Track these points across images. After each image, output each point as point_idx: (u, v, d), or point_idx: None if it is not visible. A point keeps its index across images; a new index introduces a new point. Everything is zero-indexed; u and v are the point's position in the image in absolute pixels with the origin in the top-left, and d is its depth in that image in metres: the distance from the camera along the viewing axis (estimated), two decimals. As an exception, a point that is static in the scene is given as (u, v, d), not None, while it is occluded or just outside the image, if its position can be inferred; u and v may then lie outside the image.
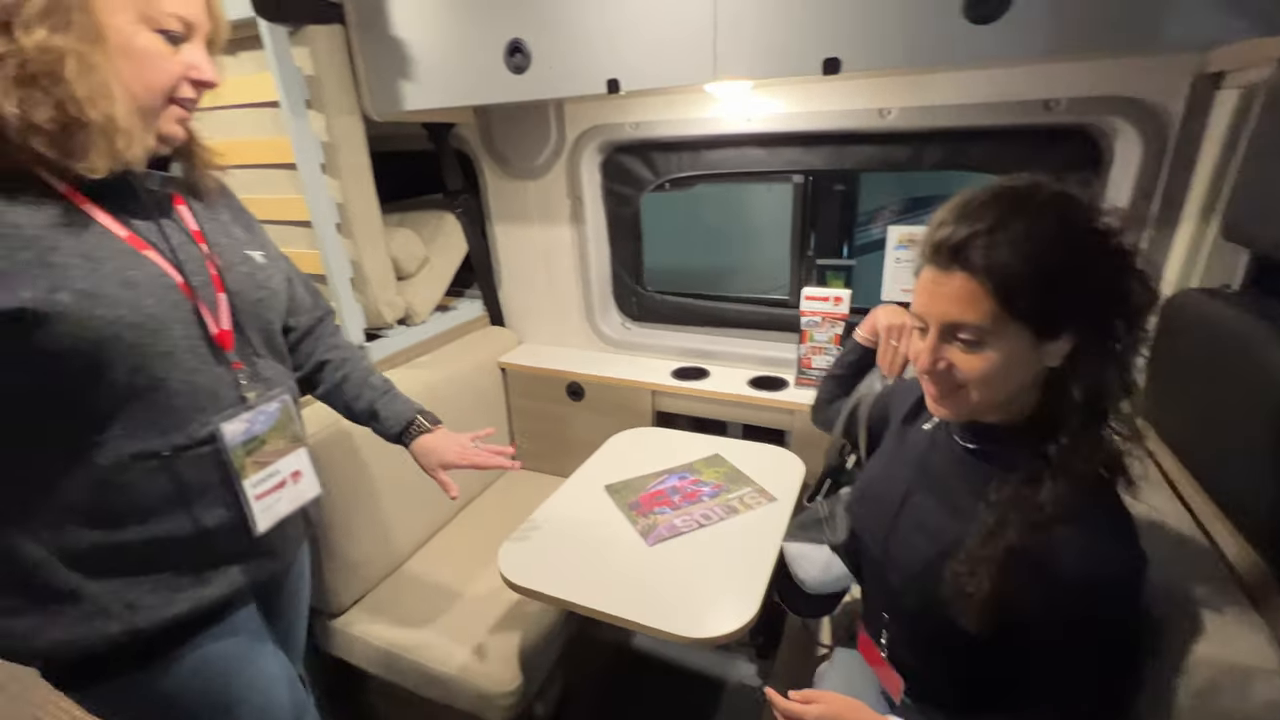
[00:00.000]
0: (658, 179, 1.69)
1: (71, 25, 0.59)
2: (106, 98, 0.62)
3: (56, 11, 0.58)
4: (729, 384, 1.64)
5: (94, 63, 0.61)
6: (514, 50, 1.22)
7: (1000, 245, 0.61)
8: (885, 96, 1.32)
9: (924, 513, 0.79)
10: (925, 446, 0.83)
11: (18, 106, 0.58)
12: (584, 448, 1.57)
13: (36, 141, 0.60)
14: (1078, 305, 0.62)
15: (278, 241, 1.49)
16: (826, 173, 1.58)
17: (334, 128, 1.37)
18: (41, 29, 0.57)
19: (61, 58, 0.58)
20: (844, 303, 1.49)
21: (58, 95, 0.59)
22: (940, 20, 0.92)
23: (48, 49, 0.58)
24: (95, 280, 0.66)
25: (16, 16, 0.57)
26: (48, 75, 0.58)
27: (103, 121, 0.61)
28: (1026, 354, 0.64)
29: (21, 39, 0.57)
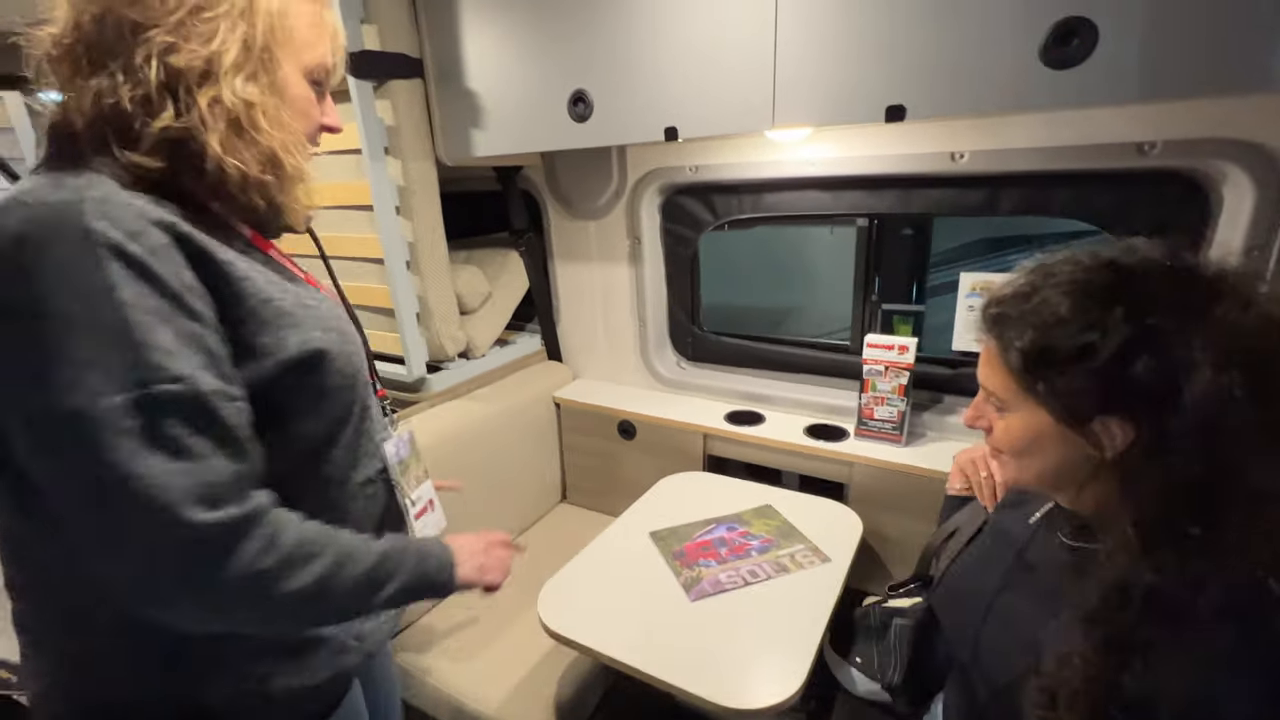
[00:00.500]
0: (717, 220, 1.68)
1: (259, 76, 0.60)
2: (297, 147, 0.63)
3: (248, 63, 0.59)
4: (785, 431, 1.58)
5: (280, 113, 0.62)
6: (577, 100, 1.26)
7: (1019, 316, 0.58)
8: (957, 139, 1.26)
9: (1017, 615, 0.70)
10: (1026, 540, 0.74)
11: (234, 157, 0.58)
12: (633, 488, 1.55)
13: (256, 195, 0.61)
14: (1115, 393, 0.54)
15: (353, 277, 1.61)
16: (893, 216, 1.52)
17: (409, 172, 1.45)
18: (238, 78, 0.58)
19: (254, 107, 0.59)
20: (909, 352, 1.41)
21: (260, 146, 0.60)
22: (1015, 65, 0.87)
23: (244, 98, 0.58)
24: (327, 316, 0.69)
25: (218, 66, 0.57)
26: (250, 125, 0.59)
27: (294, 172, 0.62)
28: (1055, 435, 0.59)
29: (224, 87, 0.57)
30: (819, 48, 1.01)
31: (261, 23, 0.59)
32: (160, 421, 0.51)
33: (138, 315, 0.50)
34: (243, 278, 0.60)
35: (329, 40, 0.67)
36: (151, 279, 0.52)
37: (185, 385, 0.52)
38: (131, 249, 0.51)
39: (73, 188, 0.51)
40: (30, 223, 0.50)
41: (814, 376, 1.71)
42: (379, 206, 1.41)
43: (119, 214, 0.52)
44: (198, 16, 0.56)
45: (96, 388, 0.49)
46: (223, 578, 0.53)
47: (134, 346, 0.50)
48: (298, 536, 0.59)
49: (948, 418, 1.49)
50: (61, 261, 0.49)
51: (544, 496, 1.94)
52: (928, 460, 1.38)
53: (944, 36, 0.92)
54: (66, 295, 0.49)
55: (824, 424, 1.59)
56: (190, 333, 0.54)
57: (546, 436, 1.92)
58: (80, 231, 0.50)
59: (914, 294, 1.75)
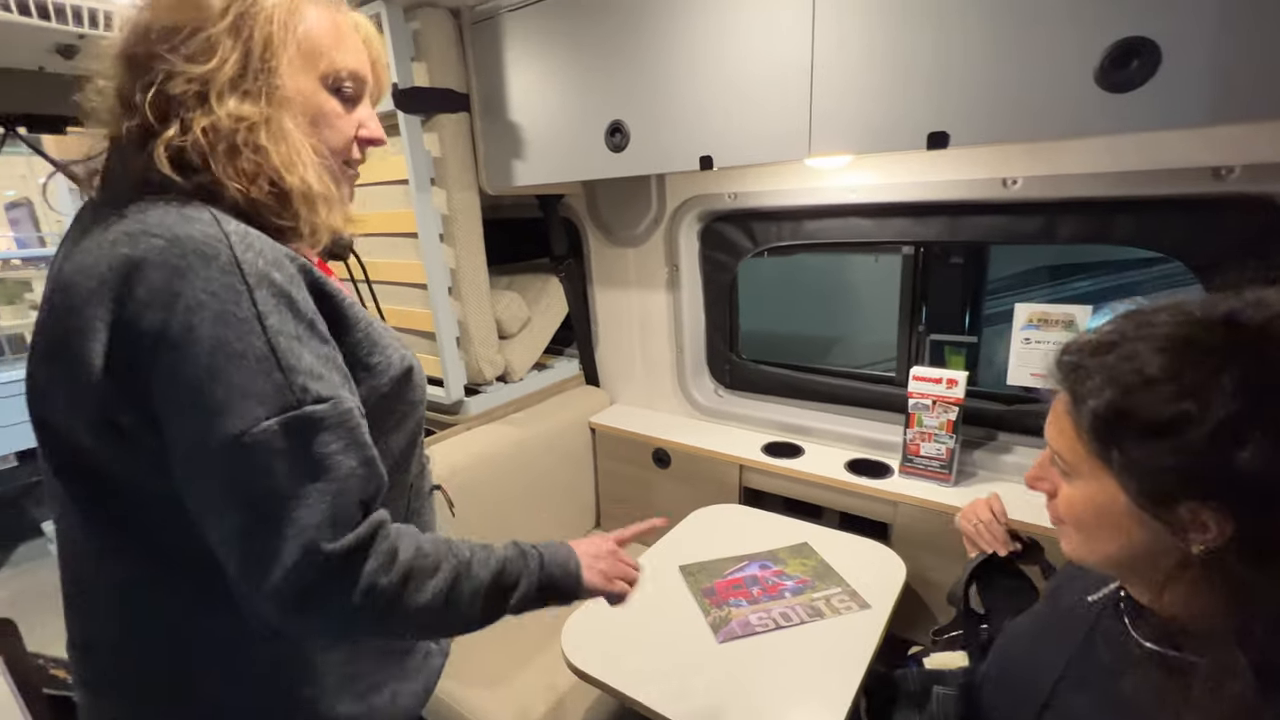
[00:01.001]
0: (756, 247, 1.66)
1: (261, 92, 0.58)
2: (301, 163, 0.60)
3: (245, 78, 0.57)
4: (824, 465, 1.52)
5: (285, 128, 0.59)
6: (614, 131, 1.27)
7: (1098, 369, 0.50)
8: (1009, 165, 1.20)
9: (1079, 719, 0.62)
10: (1089, 625, 0.65)
11: (236, 181, 0.56)
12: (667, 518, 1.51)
13: (272, 217, 0.59)
14: (1210, 478, 0.45)
15: (397, 301, 1.66)
16: (940, 243, 1.46)
17: (453, 202, 1.50)
18: (233, 97, 0.56)
19: (254, 125, 0.57)
20: (958, 385, 1.34)
21: (262, 165, 0.58)
22: (1068, 89, 0.83)
23: (241, 116, 0.56)
24: (399, 336, 0.71)
25: (211, 87, 0.56)
26: (248, 145, 0.57)
27: (301, 188, 0.59)
28: (1128, 516, 0.50)
29: (217, 109, 0.56)
30: (856, 75, 0.99)
31: (261, 32, 0.57)
32: (311, 441, 0.53)
33: (284, 341, 0.52)
34: (349, 304, 0.63)
35: (351, 46, 0.64)
36: (291, 306, 0.54)
37: (331, 405, 0.54)
38: (276, 278, 0.53)
39: (206, 221, 0.53)
40: (180, 257, 0.51)
41: (856, 409, 1.64)
42: (423, 234, 1.46)
43: (260, 245, 0.54)
44: (196, 37, 0.55)
45: (253, 412, 0.50)
46: (347, 597, 0.54)
47: (284, 370, 0.52)
48: (414, 551, 0.59)
49: (1002, 457, 1.40)
50: (215, 291, 0.51)
51: (578, 522, 1.93)
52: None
53: (988, 60, 0.88)
54: (217, 322, 0.50)
55: (866, 459, 1.52)
56: (326, 355, 0.56)
57: (581, 462, 1.91)
58: (231, 263, 0.52)
59: (967, 324, 1.67)
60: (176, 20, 0.56)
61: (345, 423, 0.55)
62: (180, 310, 0.50)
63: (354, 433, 0.56)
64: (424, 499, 0.79)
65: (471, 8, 1.42)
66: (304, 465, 0.52)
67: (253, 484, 0.51)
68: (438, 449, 1.52)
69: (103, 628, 0.64)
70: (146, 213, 0.53)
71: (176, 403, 0.52)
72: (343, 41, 0.63)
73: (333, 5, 0.64)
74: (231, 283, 0.51)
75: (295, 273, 0.56)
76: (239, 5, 0.57)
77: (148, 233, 0.52)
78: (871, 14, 0.96)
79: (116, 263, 0.51)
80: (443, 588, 0.60)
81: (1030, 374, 1.34)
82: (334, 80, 0.63)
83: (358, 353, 0.62)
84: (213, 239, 0.52)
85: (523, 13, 1.35)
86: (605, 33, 1.25)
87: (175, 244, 0.51)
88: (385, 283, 1.66)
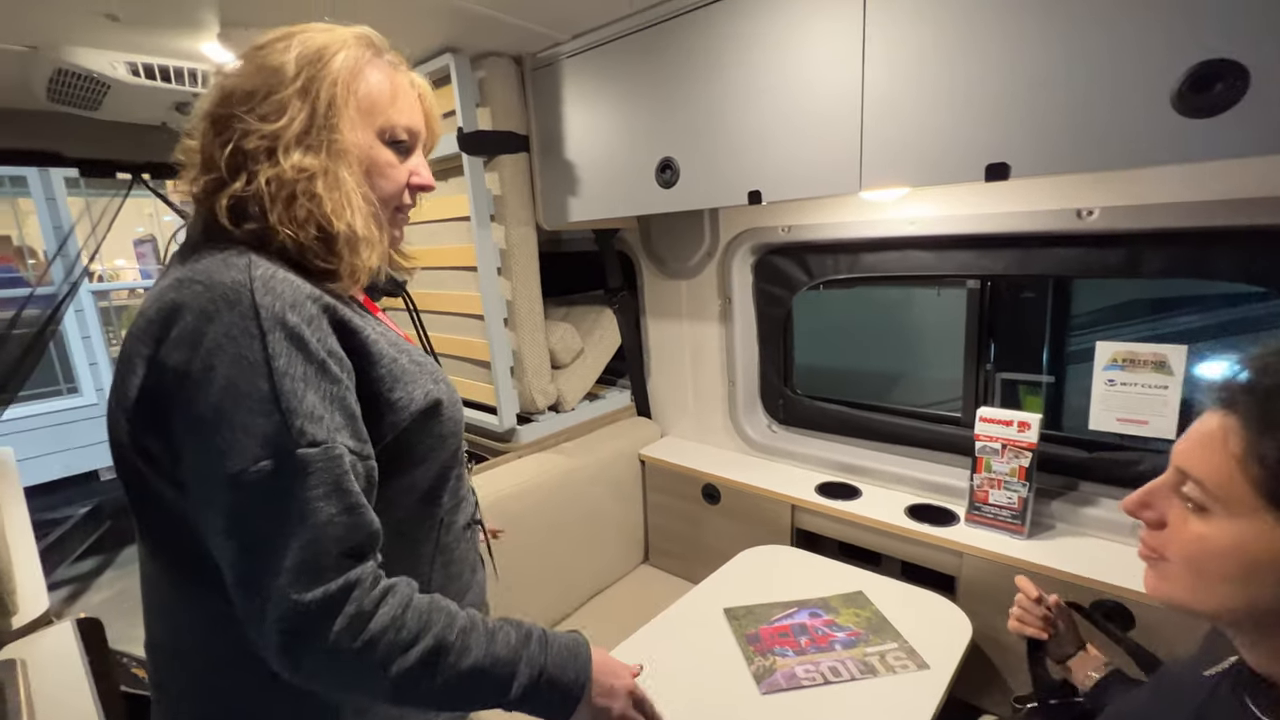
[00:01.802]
0: (811, 281, 1.62)
1: (322, 145, 0.63)
2: (350, 209, 0.64)
3: (310, 133, 0.62)
4: (883, 509, 1.44)
5: (340, 178, 0.64)
6: (664, 167, 1.30)
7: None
8: (1084, 194, 1.13)
9: None
10: (1201, 699, 0.59)
11: (288, 227, 0.61)
12: (715, 556, 1.48)
13: (318, 261, 0.64)
14: None
15: (456, 332, 1.73)
16: (1010, 277, 1.38)
17: (511, 237, 1.56)
18: (297, 151, 0.62)
19: (313, 176, 0.62)
20: (1031, 429, 1.24)
21: (313, 212, 0.62)
22: (1142, 116, 0.77)
23: (303, 168, 0.61)
24: (435, 370, 0.73)
25: (280, 142, 0.61)
26: (305, 194, 0.62)
27: (346, 232, 0.64)
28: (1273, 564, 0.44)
29: (283, 162, 0.61)
30: (908, 106, 0.97)
31: (326, 93, 0.63)
32: (297, 484, 0.55)
33: (288, 383, 0.55)
34: (374, 340, 0.65)
35: (406, 104, 0.70)
36: (303, 346, 0.57)
37: (323, 450, 0.56)
38: (290, 320, 0.57)
39: (240, 267, 0.58)
40: (210, 301, 0.56)
41: (917, 450, 1.55)
42: (482, 268, 1.53)
43: (281, 289, 0.58)
44: (271, 98, 0.62)
45: (252, 451, 0.54)
46: (320, 653, 0.55)
47: (283, 412, 0.55)
48: (388, 621, 0.58)
49: (1084, 509, 1.28)
50: (234, 335, 0.55)
51: (626, 555, 1.91)
52: (1057, 558, 1.18)
53: (1050, 87, 0.84)
54: (231, 364, 0.55)
55: (929, 504, 1.43)
56: (332, 395, 0.59)
57: (630, 494, 1.90)
58: (250, 308, 0.56)
59: (1045, 362, 1.56)
60: (255, 85, 0.62)
61: (332, 469, 0.57)
62: (203, 351, 0.55)
63: (340, 480, 0.57)
64: (458, 534, 0.78)
65: (533, 55, 1.50)
66: (288, 508, 0.55)
67: (246, 520, 0.55)
68: (486, 476, 1.55)
69: (159, 632, 0.69)
70: (199, 260, 0.60)
71: (190, 434, 0.56)
72: (399, 99, 0.69)
73: (391, 66, 0.70)
74: (248, 327, 0.55)
75: (316, 313, 0.60)
76: (309, 70, 0.63)
77: (193, 279, 0.58)
78: (923, 43, 0.94)
79: (165, 306, 0.57)
80: (416, 661, 0.58)
81: (1116, 419, 1.22)
82: (390, 134, 0.69)
83: (379, 387, 0.65)
84: (239, 285, 0.57)
85: (581, 57, 1.42)
86: (656, 73, 1.28)
87: (209, 289, 0.57)
88: (445, 313, 1.75)
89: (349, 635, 0.55)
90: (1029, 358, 1.46)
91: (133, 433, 0.59)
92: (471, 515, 0.83)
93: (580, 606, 1.74)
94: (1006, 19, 0.87)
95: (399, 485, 0.67)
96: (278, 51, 0.63)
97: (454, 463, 0.76)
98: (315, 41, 0.64)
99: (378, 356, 0.65)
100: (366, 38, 0.68)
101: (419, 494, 0.71)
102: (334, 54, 0.64)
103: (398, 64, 0.71)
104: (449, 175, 1.60)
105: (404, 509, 0.69)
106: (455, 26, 1.30)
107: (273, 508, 0.55)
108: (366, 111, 0.66)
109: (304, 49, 0.63)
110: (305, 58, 0.63)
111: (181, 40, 1.27)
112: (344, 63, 0.64)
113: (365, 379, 0.64)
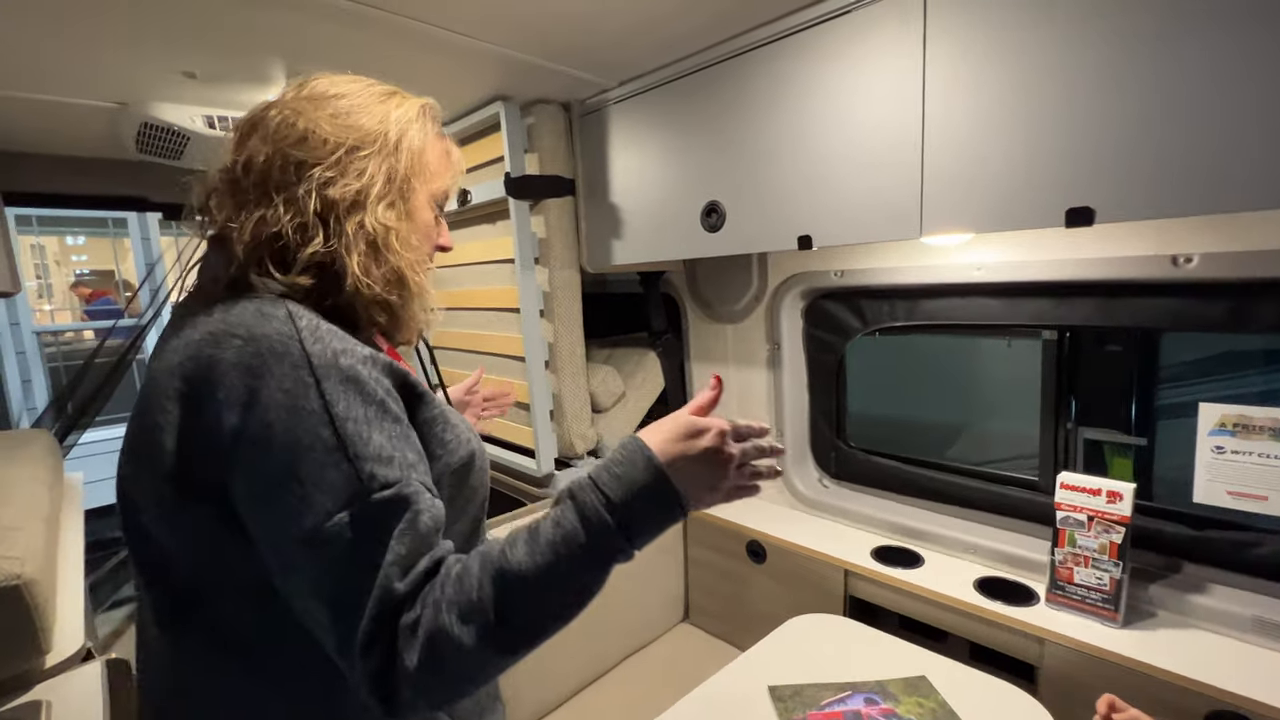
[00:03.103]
0: (866, 328, 1.53)
1: (397, 204, 0.66)
2: (421, 266, 0.68)
3: (390, 193, 0.65)
4: (949, 580, 1.30)
5: (408, 237, 0.67)
6: (710, 211, 1.26)
7: None
8: (1180, 239, 1.01)
9: None
10: None
11: (367, 276, 0.63)
12: (761, 621, 1.36)
13: (379, 312, 0.66)
14: None
15: (498, 372, 1.72)
16: (1093, 328, 1.25)
17: (555, 279, 1.55)
18: (380, 206, 0.64)
19: (390, 231, 0.64)
20: (1123, 500, 1.10)
21: (390, 266, 0.64)
22: (1255, 153, 0.67)
23: (383, 224, 0.64)
24: (466, 422, 0.73)
25: (366, 197, 0.64)
26: (384, 247, 0.64)
27: (417, 289, 0.67)
28: None
29: (368, 214, 0.63)
30: (975, 146, 0.89)
31: (404, 159, 0.66)
32: (379, 528, 0.53)
33: (351, 427, 0.54)
34: (420, 384, 0.65)
35: (450, 169, 0.74)
36: (360, 389, 0.56)
37: (397, 490, 0.54)
38: (344, 363, 0.56)
39: (281, 319, 0.57)
40: (256, 356, 0.54)
41: (987, 514, 1.41)
42: (525, 310, 1.52)
43: (329, 336, 0.57)
44: (354, 155, 0.63)
45: (325, 506, 0.52)
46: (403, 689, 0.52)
47: (351, 459, 0.53)
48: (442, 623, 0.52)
49: (1192, 597, 1.11)
50: (288, 388, 0.53)
51: (665, 613, 1.81)
52: (1161, 654, 1.02)
53: (1145, 123, 0.75)
54: (290, 418, 0.53)
55: (1002, 578, 1.28)
56: (398, 433, 0.57)
57: (671, 547, 1.80)
58: (301, 357, 0.54)
59: (1133, 421, 1.40)
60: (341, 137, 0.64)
61: (412, 504, 0.55)
62: (259, 410, 0.53)
63: (415, 518, 0.55)
64: None
65: (582, 101, 1.51)
66: (374, 550, 0.52)
67: (330, 573, 0.52)
68: (520, 525, 1.50)
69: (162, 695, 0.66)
70: (230, 311, 0.58)
71: (257, 498, 0.54)
72: (448, 166, 0.73)
73: (439, 133, 0.74)
74: (301, 376, 0.54)
75: (366, 356, 0.59)
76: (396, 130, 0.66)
77: (229, 333, 0.56)
78: (990, 79, 0.87)
79: (202, 364, 0.55)
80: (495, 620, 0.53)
81: (1227, 491, 1.07)
82: (438, 198, 0.73)
83: (433, 428, 0.64)
84: (286, 336, 0.55)
85: (628, 102, 1.41)
86: (703, 117, 1.26)
87: (252, 342, 0.55)
88: (486, 353, 1.74)
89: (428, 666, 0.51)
90: (1112, 415, 1.31)
91: (175, 500, 0.57)
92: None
93: (614, 666, 1.65)
94: (1090, 52, 0.79)
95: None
96: (359, 111, 0.65)
97: (482, 515, 0.75)
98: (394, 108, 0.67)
99: (429, 399, 0.65)
100: (432, 108, 0.72)
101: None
102: (409, 120, 0.67)
103: (440, 129, 0.75)
104: (495, 218, 1.61)
105: None
106: (507, 76, 1.33)
107: (356, 558, 0.52)
108: (430, 176, 0.70)
109: (393, 112, 0.67)
110: (394, 120, 0.66)
111: (253, 94, 1.34)
112: (419, 131, 0.68)
113: (417, 420, 0.63)
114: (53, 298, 7.45)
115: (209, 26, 1.00)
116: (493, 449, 1.76)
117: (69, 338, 7.11)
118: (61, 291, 7.56)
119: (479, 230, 1.69)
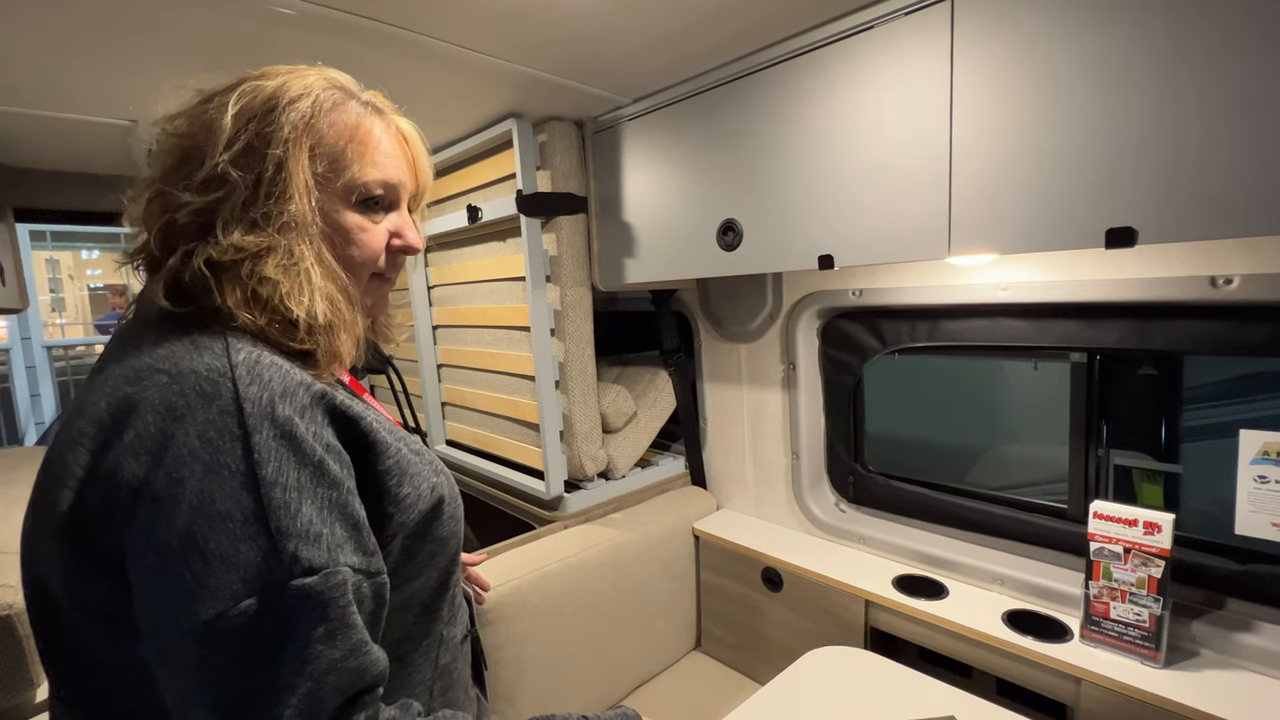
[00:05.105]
0: (885, 348, 1.49)
1: (269, 218, 0.53)
2: (309, 290, 0.54)
3: (253, 205, 0.53)
4: (975, 613, 1.24)
5: (295, 254, 0.54)
6: (726, 230, 1.23)
7: None
8: (1221, 259, 0.97)
9: None
10: None
11: (245, 310, 0.52)
12: (776, 652, 1.31)
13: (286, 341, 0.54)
14: None
15: (507, 392, 1.69)
16: (1125, 350, 1.21)
17: (566, 297, 1.52)
18: (238, 229, 0.52)
19: (259, 256, 0.53)
20: (1162, 532, 1.04)
21: (267, 296, 0.53)
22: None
23: (242, 248, 0.52)
24: (433, 459, 0.64)
25: (216, 217, 0.52)
26: (250, 276, 0.53)
27: (307, 319, 0.54)
28: None
29: (222, 240, 0.52)
30: (1006, 164, 0.86)
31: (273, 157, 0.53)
32: (292, 626, 0.45)
33: (279, 494, 0.46)
34: (375, 429, 0.56)
35: (382, 154, 0.59)
36: (295, 447, 0.48)
37: (322, 578, 0.46)
38: (281, 415, 0.48)
39: (216, 351, 0.49)
40: (179, 395, 0.46)
41: (1014, 543, 1.35)
42: (535, 328, 1.49)
43: (270, 375, 0.49)
44: (203, 167, 0.52)
45: (231, 588, 0.44)
46: None
47: (273, 533, 0.45)
48: None
49: (1239, 635, 1.05)
50: (209, 438, 0.45)
51: (676, 641, 1.75)
52: (1208, 697, 0.96)
53: (1189, 140, 0.72)
54: (206, 475, 0.45)
55: (1032, 612, 1.22)
56: (332, 502, 0.49)
57: (683, 573, 1.75)
58: (232, 402, 0.46)
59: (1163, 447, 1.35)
60: (188, 148, 0.53)
61: (335, 600, 0.46)
62: (168, 460, 0.45)
63: (344, 613, 0.47)
64: (455, 650, 0.67)
65: (595, 118, 1.49)
66: (278, 658, 0.44)
67: (224, 675, 0.44)
68: (528, 550, 1.45)
69: None
70: (159, 344, 0.50)
71: (149, 568, 0.45)
72: (371, 151, 0.59)
73: (370, 112, 0.60)
74: (228, 426, 0.46)
75: (308, 404, 0.50)
76: (254, 128, 0.53)
77: (154, 367, 0.48)
78: (1023, 95, 0.84)
79: (117, 403, 0.48)
80: None
81: (1272, 524, 1.02)
82: (359, 194, 0.59)
83: (386, 482, 0.56)
84: (217, 373, 0.47)
85: (642, 119, 1.40)
86: (718, 134, 1.24)
87: (176, 380, 0.47)
88: (495, 371, 1.71)
89: None
90: (1145, 441, 1.26)
91: (65, 567, 0.48)
92: (467, 626, 0.72)
93: (625, 697, 1.59)
94: (1128, 65, 0.76)
95: (395, 601, 0.57)
96: (216, 107, 0.53)
97: (453, 567, 0.65)
98: (263, 92, 0.54)
99: (384, 447, 0.56)
100: (334, 80, 0.59)
101: (417, 609, 0.61)
102: (285, 107, 0.54)
103: (382, 109, 0.61)
104: (506, 235, 1.59)
105: (400, 628, 0.59)
106: (520, 93, 1.31)
107: (260, 660, 0.44)
108: (326, 171, 0.56)
109: (248, 102, 0.53)
110: (247, 113, 0.53)
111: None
112: (296, 117, 0.54)
113: (370, 474, 0.54)
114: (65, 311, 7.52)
115: (224, 45, 0.99)
116: (500, 470, 1.72)
117: (79, 351, 7.16)
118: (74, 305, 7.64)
119: (490, 248, 1.67)
